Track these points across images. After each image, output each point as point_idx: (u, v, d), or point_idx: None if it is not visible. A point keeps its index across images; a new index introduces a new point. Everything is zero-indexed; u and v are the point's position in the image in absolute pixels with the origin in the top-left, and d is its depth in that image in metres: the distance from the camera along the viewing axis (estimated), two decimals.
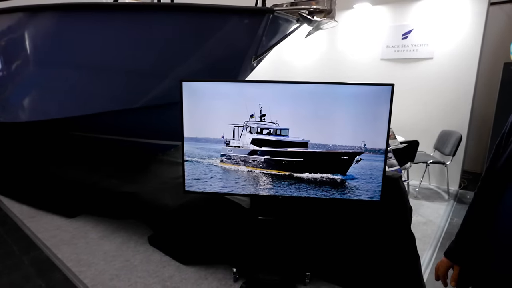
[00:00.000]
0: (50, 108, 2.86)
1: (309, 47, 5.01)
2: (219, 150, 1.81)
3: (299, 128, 1.66)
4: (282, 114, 1.69)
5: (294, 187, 1.75)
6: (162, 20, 2.23)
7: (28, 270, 2.19)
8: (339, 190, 1.72)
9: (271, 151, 1.71)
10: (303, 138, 1.65)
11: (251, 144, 1.74)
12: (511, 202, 0.87)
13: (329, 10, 1.91)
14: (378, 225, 1.85)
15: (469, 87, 3.80)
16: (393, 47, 4.28)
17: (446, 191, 3.88)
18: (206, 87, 1.74)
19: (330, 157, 1.63)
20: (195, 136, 1.77)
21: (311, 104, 1.65)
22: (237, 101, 1.70)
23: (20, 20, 2.67)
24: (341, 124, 1.65)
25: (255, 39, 2.23)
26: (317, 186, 1.73)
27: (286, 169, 1.70)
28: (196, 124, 1.76)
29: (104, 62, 2.46)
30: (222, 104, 1.72)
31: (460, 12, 3.75)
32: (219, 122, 1.74)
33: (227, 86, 1.75)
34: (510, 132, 0.93)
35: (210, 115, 1.74)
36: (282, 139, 1.67)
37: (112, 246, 2.48)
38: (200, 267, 2.22)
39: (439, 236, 2.79)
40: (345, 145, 1.62)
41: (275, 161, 1.70)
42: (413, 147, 3.29)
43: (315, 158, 1.65)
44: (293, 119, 1.67)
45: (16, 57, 2.86)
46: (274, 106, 1.68)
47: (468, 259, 0.99)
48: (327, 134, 1.65)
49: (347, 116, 1.64)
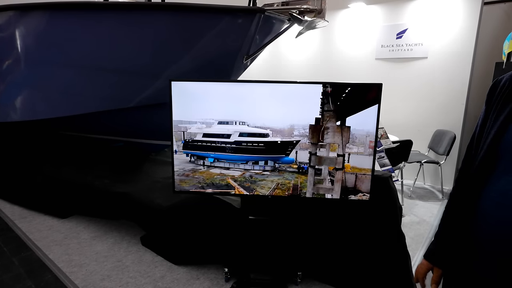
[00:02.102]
0: (42, 108, 2.83)
1: (304, 47, 5.01)
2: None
3: (283, 125, 1.69)
4: (270, 113, 1.69)
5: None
6: (154, 20, 2.22)
7: (18, 271, 2.18)
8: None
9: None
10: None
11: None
12: (487, 204, 0.86)
13: (320, 10, 1.91)
14: (368, 224, 1.85)
15: (463, 86, 3.82)
16: (388, 47, 4.28)
17: (440, 191, 3.89)
18: (196, 87, 1.73)
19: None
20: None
21: (299, 103, 1.66)
22: (228, 100, 1.70)
23: (11, 18, 2.65)
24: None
25: (246, 39, 2.22)
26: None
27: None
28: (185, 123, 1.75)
29: (95, 61, 2.45)
30: (212, 103, 1.72)
31: (454, 11, 3.76)
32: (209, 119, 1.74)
33: (218, 86, 1.74)
34: (480, 134, 0.92)
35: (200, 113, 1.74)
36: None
37: (104, 247, 2.47)
38: (192, 267, 2.21)
39: (432, 235, 2.80)
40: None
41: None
42: (406, 146, 3.29)
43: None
44: (280, 117, 1.68)
45: (7, 57, 2.84)
46: (263, 105, 1.68)
47: (448, 261, 0.98)
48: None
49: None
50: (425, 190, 4.00)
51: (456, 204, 0.98)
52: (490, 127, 0.87)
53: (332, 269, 1.99)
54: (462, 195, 0.95)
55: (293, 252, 2.02)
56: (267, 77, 5.33)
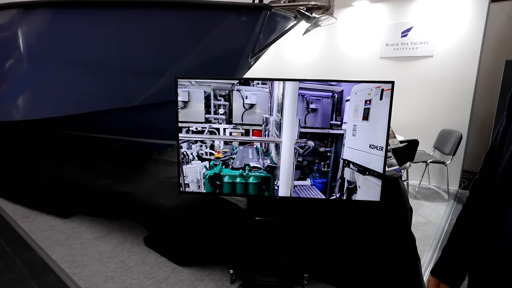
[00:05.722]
0: (45, 106, 2.81)
1: (308, 45, 4.97)
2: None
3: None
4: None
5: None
6: (158, 17, 2.18)
7: (21, 271, 2.15)
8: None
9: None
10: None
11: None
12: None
13: (328, 6, 1.87)
14: (377, 225, 1.81)
15: (469, 85, 3.76)
16: (393, 45, 4.23)
17: (446, 191, 3.84)
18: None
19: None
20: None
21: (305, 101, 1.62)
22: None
23: (14, 16, 2.62)
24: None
25: (252, 36, 2.19)
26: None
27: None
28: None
29: (99, 59, 2.42)
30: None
31: (461, 9, 3.71)
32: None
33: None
34: (502, 141, 0.83)
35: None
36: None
37: (107, 247, 2.44)
38: (196, 268, 2.18)
39: (439, 236, 2.76)
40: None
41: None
42: (412, 146, 3.25)
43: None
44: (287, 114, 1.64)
45: (10, 55, 2.81)
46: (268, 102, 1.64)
47: (457, 278, 0.90)
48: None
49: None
50: (431, 191, 3.96)
51: (471, 218, 0.89)
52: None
53: (339, 271, 1.95)
54: (480, 208, 0.87)
55: (300, 253, 1.98)
56: (269, 76, 5.29)
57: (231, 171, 1.73)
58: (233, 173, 1.73)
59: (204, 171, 1.74)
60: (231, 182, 1.73)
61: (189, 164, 1.74)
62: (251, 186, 1.73)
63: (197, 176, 1.76)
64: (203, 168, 1.74)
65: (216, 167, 1.73)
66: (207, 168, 1.74)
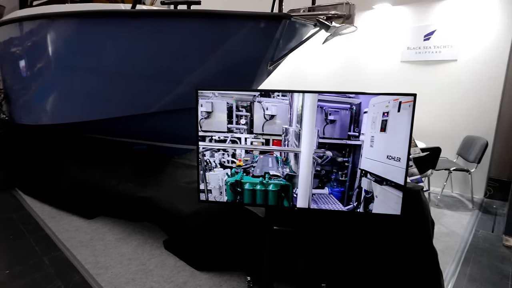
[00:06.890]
0: (72, 112, 2.94)
1: (327, 51, 4.91)
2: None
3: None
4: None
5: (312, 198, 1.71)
6: (179, 27, 2.24)
7: (49, 270, 2.26)
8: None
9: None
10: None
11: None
12: None
13: (348, 15, 1.85)
14: (398, 238, 1.78)
15: (496, 90, 3.61)
16: (414, 49, 4.13)
17: (470, 200, 3.70)
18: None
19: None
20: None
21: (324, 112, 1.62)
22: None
23: (42, 26, 2.76)
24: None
25: (271, 45, 2.20)
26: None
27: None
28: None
29: (121, 67, 2.51)
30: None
31: (488, 12, 3.57)
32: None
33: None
34: None
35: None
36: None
37: (129, 249, 2.52)
38: (214, 274, 2.21)
39: (463, 248, 2.65)
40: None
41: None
42: (435, 154, 3.16)
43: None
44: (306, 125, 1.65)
45: (39, 63, 2.96)
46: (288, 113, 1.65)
47: None
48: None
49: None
50: (453, 199, 3.82)
51: None
52: None
53: (358, 283, 1.93)
54: None
55: (318, 263, 1.97)
56: (287, 82, 5.28)
57: (251, 179, 1.75)
58: (253, 180, 1.75)
59: (226, 178, 1.78)
60: (252, 189, 1.76)
61: (211, 171, 1.78)
62: (271, 194, 1.75)
63: (219, 183, 1.80)
64: (225, 175, 1.77)
65: (237, 175, 1.76)
66: (228, 176, 1.77)
